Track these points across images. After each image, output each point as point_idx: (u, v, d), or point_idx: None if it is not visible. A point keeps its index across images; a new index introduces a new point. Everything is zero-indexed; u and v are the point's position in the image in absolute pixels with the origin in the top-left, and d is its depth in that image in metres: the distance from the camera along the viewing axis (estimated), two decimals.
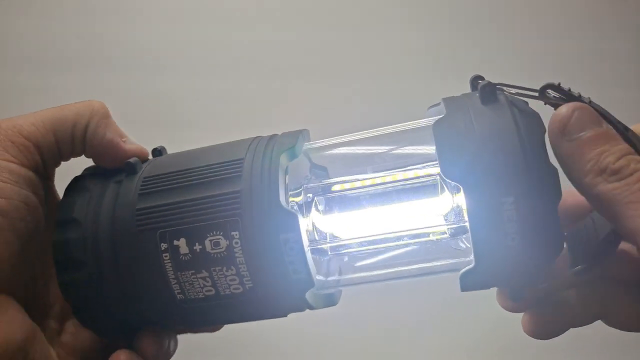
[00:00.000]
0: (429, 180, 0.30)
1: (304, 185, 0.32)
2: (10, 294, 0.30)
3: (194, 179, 0.29)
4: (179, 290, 0.29)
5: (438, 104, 0.31)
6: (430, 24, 0.74)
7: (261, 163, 0.29)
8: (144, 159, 0.33)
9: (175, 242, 0.28)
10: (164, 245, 0.28)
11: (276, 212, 0.27)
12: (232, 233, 0.28)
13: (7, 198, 0.29)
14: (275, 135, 0.32)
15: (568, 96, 0.28)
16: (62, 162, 0.34)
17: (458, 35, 0.73)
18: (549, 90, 0.28)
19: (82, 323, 0.32)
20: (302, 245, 0.27)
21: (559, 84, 0.28)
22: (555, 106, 0.28)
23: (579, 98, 0.28)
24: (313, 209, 0.32)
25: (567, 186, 0.27)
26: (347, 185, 0.31)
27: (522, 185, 0.25)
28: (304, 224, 0.31)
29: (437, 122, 0.27)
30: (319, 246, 0.31)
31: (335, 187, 0.32)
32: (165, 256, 0.28)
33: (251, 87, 0.70)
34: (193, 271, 0.28)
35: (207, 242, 0.28)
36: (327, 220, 0.31)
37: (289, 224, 0.27)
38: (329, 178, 0.33)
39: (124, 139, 0.33)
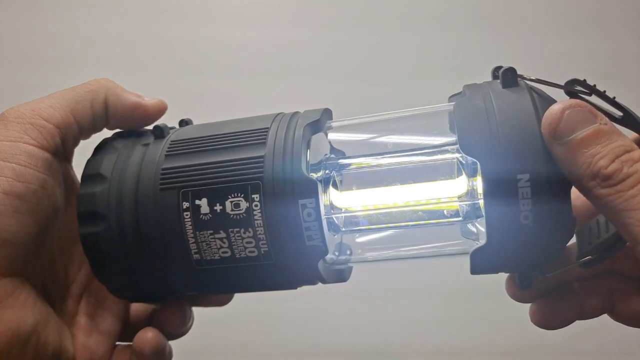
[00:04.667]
0: (446, 162, 0.31)
1: (323, 162, 0.33)
2: (25, 277, 0.30)
3: (220, 144, 0.30)
4: (196, 250, 0.30)
5: (460, 93, 0.32)
6: (431, 25, 0.74)
7: (285, 133, 0.30)
8: (163, 111, 0.35)
9: (197, 202, 0.29)
10: (185, 204, 0.29)
11: (297, 178, 0.28)
12: (253, 196, 0.29)
13: (26, 182, 0.29)
14: (298, 112, 0.33)
15: (593, 92, 0.29)
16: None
17: (457, 36, 0.73)
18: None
19: (98, 278, 0.33)
20: (319, 212, 0.28)
21: (584, 80, 0.29)
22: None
23: (603, 95, 0.29)
24: (331, 184, 0.32)
25: None
26: (364, 163, 0.32)
27: (538, 164, 0.26)
28: (322, 198, 0.32)
29: (457, 101, 0.28)
30: (335, 215, 0.31)
31: (353, 165, 0.33)
32: (186, 215, 0.29)
33: (253, 87, 0.70)
34: (211, 231, 0.29)
35: (227, 203, 0.29)
36: (344, 196, 0.32)
37: (308, 190, 0.28)
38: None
39: (142, 98, 0.35)
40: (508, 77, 0.28)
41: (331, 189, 0.32)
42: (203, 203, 0.29)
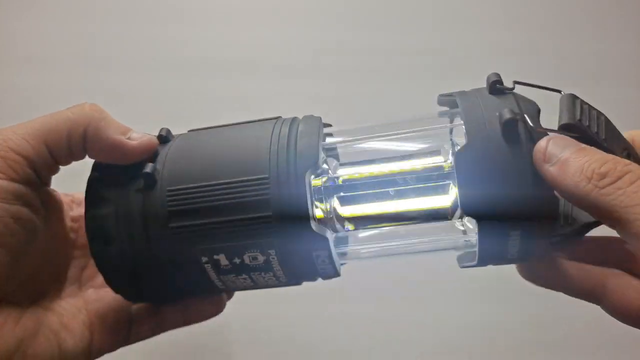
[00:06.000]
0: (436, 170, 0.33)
1: (323, 173, 0.34)
2: (3, 299, 0.31)
3: (221, 198, 0.30)
4: (221, 284, 0.33)
5: (450, 95, 0.32)
6: (430, 25, 0.72)
7: (287, 182, 0.30)
8: (148, 152, 0.33)
9: (216, 257, 0.31)
10: (204, 259, 0.31)
11: (308, 236, 0.30)
12: (269, 251, 0.31)
13: None
14: (294, 124, 0.32)
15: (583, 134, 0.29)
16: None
17: (458, 35, 0.71)
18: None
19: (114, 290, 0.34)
20: (333, 258, 0.31)
21: (579, 121, 0.29)
22: None
23: (596, 135, 0.29)
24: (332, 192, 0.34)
25: None
26: (360, 174, 0.34)
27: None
28: (323, 207, 0.34)
29: (458, 152, 0.29)
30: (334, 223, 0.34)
31: (352, 173, 0.34)
32: (207, 265, 0.32)
33: (253, 87, 0.68)
34: (234, 275, 0.32)
35: (245, 257, 0.31)
36: (344, 203, 0.34)
37: (321, 245, 0.30)
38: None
39: (127, 136, 0.33)
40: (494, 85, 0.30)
41: (333, 198, 0.34)
42: (222, 258, 0.31)
